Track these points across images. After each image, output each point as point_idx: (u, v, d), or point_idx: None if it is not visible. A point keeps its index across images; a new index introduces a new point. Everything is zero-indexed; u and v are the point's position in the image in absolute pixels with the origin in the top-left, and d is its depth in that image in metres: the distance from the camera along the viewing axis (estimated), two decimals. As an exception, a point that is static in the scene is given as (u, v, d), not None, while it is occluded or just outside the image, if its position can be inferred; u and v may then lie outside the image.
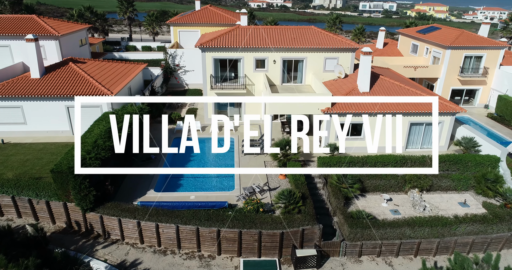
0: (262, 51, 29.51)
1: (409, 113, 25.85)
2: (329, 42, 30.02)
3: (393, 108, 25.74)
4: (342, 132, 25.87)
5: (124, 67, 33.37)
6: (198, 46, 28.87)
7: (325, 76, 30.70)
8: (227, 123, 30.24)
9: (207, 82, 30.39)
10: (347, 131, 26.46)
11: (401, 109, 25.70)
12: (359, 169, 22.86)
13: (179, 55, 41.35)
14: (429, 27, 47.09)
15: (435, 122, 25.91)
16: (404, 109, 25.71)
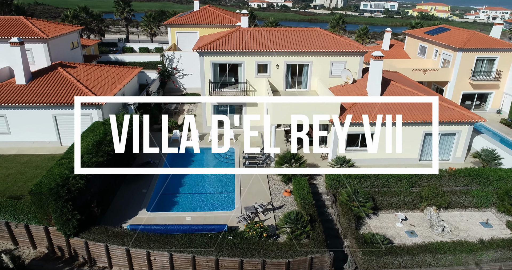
0: (264, 55, 27.57)
1: (424, 123, 23.87)
2: (336, 45, 28.08)
3: (407, 117, 23.78)
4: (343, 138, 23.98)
5: (117, 71, 31.43)
6: (196, 50, 26.92)
7: (332, 81, 28.75)
8: (227, 131, 28.29)
9: (205, 88, 28.44)
10: (356, 141, 24.56)
11: (415, 118, 23.73)
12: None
13: (177, 58, 39.39)
14: (438, 28, 45.13)
15: (435, 123, 24.02)
16: (418, 118, 23.75)
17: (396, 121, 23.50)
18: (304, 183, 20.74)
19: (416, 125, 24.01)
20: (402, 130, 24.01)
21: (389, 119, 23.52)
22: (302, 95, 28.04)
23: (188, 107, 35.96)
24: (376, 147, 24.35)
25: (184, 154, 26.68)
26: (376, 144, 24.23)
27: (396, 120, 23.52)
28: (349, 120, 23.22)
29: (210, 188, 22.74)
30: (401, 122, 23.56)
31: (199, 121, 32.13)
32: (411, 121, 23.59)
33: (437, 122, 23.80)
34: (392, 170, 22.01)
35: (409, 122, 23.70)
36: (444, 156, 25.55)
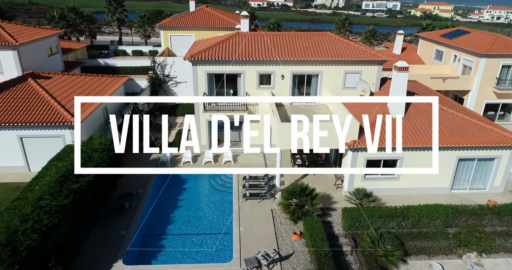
0: (268, 64, 23.76)
1: (458, 147, 20.05)
2: (350, 52, 24.26)
3: (438, 140, 19.98)
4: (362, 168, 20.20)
5: (100, 81, 27.59)
6: (188, 59, 23.09)
7: (345, 94, 24.91)
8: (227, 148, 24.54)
9: (199, 103, 24.60)
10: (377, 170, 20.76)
11: (448, 142, 19.93)
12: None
13: (169, 64, 35.56)
14: (456, 31, 41.31)
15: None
16: (452, 142, 19.94)
17: (426, 145, 19.68)
18: (317, 225, 16.90)
19: (448, 150, 20.20)
20: (433, 155, 20.21)
21: (418, 143, 19.71)
22: (311, 110, 24.23)
23: (182, 120, 32.12)
24: (402, 175, 20.59)
25: (174, 181, 22.87)
26: (402, 171, 20.47)
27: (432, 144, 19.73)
28: (373, 146, 19.40)
29: (204, 227, 18.93)
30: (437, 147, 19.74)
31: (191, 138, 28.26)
32: (443, 146, 19.77)
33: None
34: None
35: (440, 147, 19.88)
36: (480, 185, 21.73)
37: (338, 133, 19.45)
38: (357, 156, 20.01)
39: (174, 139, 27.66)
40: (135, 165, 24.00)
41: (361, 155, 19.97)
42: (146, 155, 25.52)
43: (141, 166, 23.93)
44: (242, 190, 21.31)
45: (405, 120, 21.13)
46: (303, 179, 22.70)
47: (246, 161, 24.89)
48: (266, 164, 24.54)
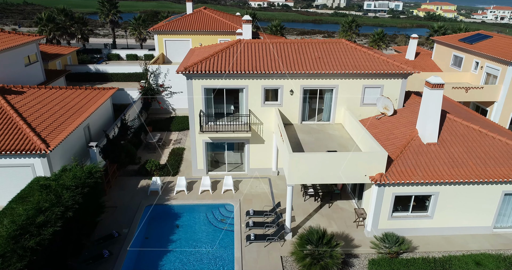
0: (274, 77, 20.44)
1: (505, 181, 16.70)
2: (369, 63, 20.93)
3: (480, 172, 16.65)
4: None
5: (82, 95, 24.23)
6: (181, 72, 19.74)
7: (364, 111, 21.62)
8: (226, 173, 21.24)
9: (195, 123, 21.27)
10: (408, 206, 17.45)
11: (491, 175, 16.59)
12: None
13: (163, 73, 32.22)
14: (476, 35, 37.97)
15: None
16: (496, 175, 16.59)
17: (467, 180, 16.33)
18: (340, 285, 13.59)
19: (492, 184, 16.86)
20: (473, 189, 16.88)
21: (457, 177, 16.37)
22: (325, 131, 20.89)
23: (176, 137, 28.77)
24: (436, 212, 17.27)
25: (165, 215, 19.57)
26: (439, 209, 17.16)
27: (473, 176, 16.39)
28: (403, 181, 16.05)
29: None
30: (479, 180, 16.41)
31: (187, 158, 24.98)
32: (487, 180, 16.41)
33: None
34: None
35: (484, 181, 16.53)
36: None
37: (361, 166, 16.12)
38: (384, 191, 16.66)
39: (168, 161, 24.33)
40: (121, 195, 20.67)
41: (389, 190, 16.63)
42: (134, 181, 22.19)
43: (127, 196, 20.61)
44: (245, 229, 17.96)
45: (439, 147, 17.78)
46: (316, 213, 19.36)
47: (249, 189, 21.56)
48: (272, 192, 21.21)
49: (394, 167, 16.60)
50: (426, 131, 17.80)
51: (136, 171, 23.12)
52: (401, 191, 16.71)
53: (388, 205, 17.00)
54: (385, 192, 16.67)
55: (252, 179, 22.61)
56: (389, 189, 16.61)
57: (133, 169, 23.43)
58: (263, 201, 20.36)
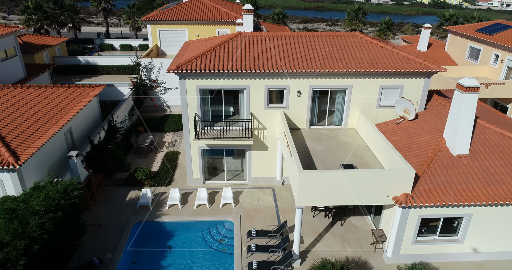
0: (279, 76, 17.88)
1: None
2: (388, 60, 18.33)
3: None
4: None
5: (65, 95, 21.68)
6: (173, 71, 17.16)
7: (380, 115, 19.12)
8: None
9: (189, 128, 18.79)
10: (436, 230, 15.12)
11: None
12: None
13: (157, 67, 29.58)
14: (495, 25, 35.14)
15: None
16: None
17: (507, 202, 13.94)
18: None
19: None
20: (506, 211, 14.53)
21: (494, 198, 13.98)
22: (336, 137, 18.43)
23: (171, 138, 26.30)
24: (467, 236, 14.95)
25: (156, 234, 17.26)
26: (471, 232, 14.84)
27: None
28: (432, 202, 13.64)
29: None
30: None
31: (182, 164, 22.58)
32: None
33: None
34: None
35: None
36: None
37: (383, 185, 13.71)
38: (408, 214, 14.28)
39: (161, 168, 21.93)
40: (106, 210, 18.33)
41: (415, 212, 14.26)
42: (122, 192, 19.83)
43: (114, 211, 18.27)
44: (246, 253, 15.65)
45: (472, 159, 15.34)
46: (327, 233, 17.04)
47: (251, 202, 19.21)
48: (277, 206, 18.86)
49: (421, 185, 14.19)
50: (456, 141, 15.32)
51: (125, 180, 20.74)
52: (429, 213, 14.33)
53: (413, 229, 14.66)
54: (410, 214, 14.30)
55: (254, 189, 20.26)
56: (414, 211, 14.24)
57: (122, 178, 21.05)
58: (267, 217, 18.03)
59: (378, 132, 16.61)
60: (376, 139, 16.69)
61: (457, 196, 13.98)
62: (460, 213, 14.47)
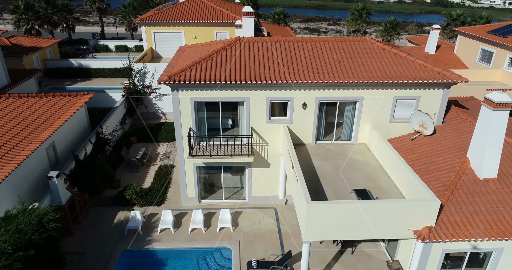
0: (283, 87, 16.11)
1: None
2: (403, 70, 16.56)
3: (560, 222, 12.51)
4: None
5: (49, 105, 19.90)
6: (165, 82, 15.37)
7: (394, 129, 17.37)
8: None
9: (183, 145, 17.02)
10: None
11: None
12: None
13: (151, 72, 27.79)
14: (507, 26, 33.38)
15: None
16: None
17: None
18: None
19: None
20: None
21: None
22: (345, 154, 16.68)
23: (165, 150, 24.53)
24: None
25: (146, 263, 15.51)
26: (500, 267, 13.10)
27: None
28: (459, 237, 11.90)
29: None
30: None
31: (176, 180, 20.84)
32: None
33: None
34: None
35: None
36: None
37: (403, 218, 11.96)
38: (431, 248, 12.54)
39: (153, 184, 20.18)
40: (91, 235, 16.58)
41: (438, 246, 12.51)
42: (109, 213, 18.08)
43: (99, 236, 16.52)
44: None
45: (500, 184, 13.58)
46: (336, 263, 15.30)
47: (251, 224, 17.46)
48: (280, 231, 17.11)
49: (445, 216, 12.44)
50: (483, 163, 13.55)
51: (113, 199, 18.98)
52: (454, 247, 12.60)
53: (435, 264, 12.92)
54: (432, 249, 12.55)
55: (255, 209, 18.51)
56: (438, 245, 12.50)
57: (111, 196, 19.29)
58: (269, 243, 16.27)
59: (394, 151, 14.85)
60: (391, 158, 14.93)
61: (487, 229, 12.23)
62: (489, 247, 12.73)
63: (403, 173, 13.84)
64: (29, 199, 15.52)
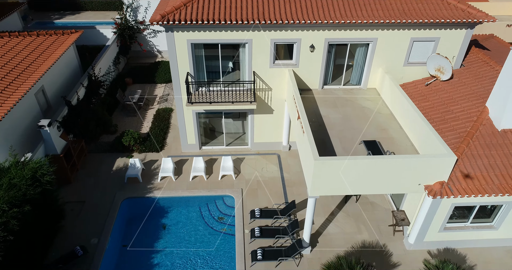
0: (289, 28, 14.54)
1: None
2: (422, 7, 14.84)
3: None
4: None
5: (34, 45, 18.27)
6: (158, 22, 13.79)
7: (407, 73, 16.14)
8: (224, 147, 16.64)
9: (181, 91, 15.91)
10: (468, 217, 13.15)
11: None
12: None
13: (144, 7, 25.53)
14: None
15: None
16: None
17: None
18: None
19: None
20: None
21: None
22: (354, 101, 15.69)
23: (163, 91, 23.40)
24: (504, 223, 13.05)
25: (147, 213, 15.38)
26: (509, 219, 12.90)
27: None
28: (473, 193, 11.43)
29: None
30: None
31: (175, 125, 20.09)
32: None
33: None
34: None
35: None
36: None
37: (415, 173, 11.36)
38: (441, 202, 12.16)
39: (151, 130, 19.45)
40: (90, 183, 16.26)
41: (448, 200, 12.11)
42: (108, 160, 17.60)
43: (99, 185, 16.21)
44: (250, 238, 13.87)
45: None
46: (340, 211, 15.14)
47: (254, 172, 17.06)
48: (283, 178, 16.76)
49: (458, 170, 11.84)
50: (505, 113, 12.60)
51: (111, 145, 18.40)
52: (464, 201, 12.21)
53: (443, 216, 12.67)
54: (442, 203, 12.18)
55: (257, 156, 18.02)
56: (448, 199, 12.09)
57: (108, 142, 18.68)
58: (272, 192, 16.00)
59: (407, 98, 13.83)
60: (403, 106, 13.96)
61: (502, 184, 11.70)
62: (500, 201, 12.36)
63: (416, 123, 12.99)
64: (22, 151, 14.84)
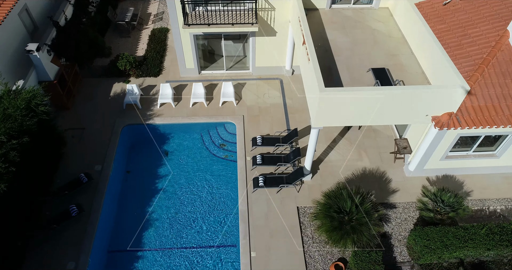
0: None
1: None
2: None
3: None
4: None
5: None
6: None
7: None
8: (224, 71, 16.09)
9: (176, 10, 14.59)
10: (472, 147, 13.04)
11: None
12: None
13: None
14: None
15: None
16: None
17: None
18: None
19: None
20: None
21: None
22: (364, 22, 14.52)
23: (157, 9, 21.70)
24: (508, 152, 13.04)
25: (149, 138, 15.36)
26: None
27: None
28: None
29: (197, 235, 12.61)
30: None
31: (172, 46, 19.02)
32: None
33: None
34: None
35: None
36: None
37: (423, 104, 10.91)
38: (446, 132, 11.94)
39: (147, 52, 18.47)
40: (88, 109, 15.95)
41: (454, 130, 11.88)
42: (104, 85, 17.02)
43: (97, 111, 15.91)
44: (251, 166, 14.01)
45: (540, 63, 12.02)
46: (341, 138, 15.06)
47: (256, 98, 16.61)
48: (285, 105, 16.37)
49: (469, 101, 11.36)
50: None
51: (106, 69, 17.60)
52: (470, 131, 11.98)
53: (447, 146, 12.59)
54: (447, 133, 11.96)
55: (259, 81, 17.38)
56: (454, 130, 11.85)
57: (103, 66, 17.85)
58: (274, 119, 15.74)
59: (422, 19, 12.74)
60: (417, 29, 12.92)
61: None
62: (507, 131, 12.12)
63: (429, 49, 12.12)
64: (13, 78, 14.13)
